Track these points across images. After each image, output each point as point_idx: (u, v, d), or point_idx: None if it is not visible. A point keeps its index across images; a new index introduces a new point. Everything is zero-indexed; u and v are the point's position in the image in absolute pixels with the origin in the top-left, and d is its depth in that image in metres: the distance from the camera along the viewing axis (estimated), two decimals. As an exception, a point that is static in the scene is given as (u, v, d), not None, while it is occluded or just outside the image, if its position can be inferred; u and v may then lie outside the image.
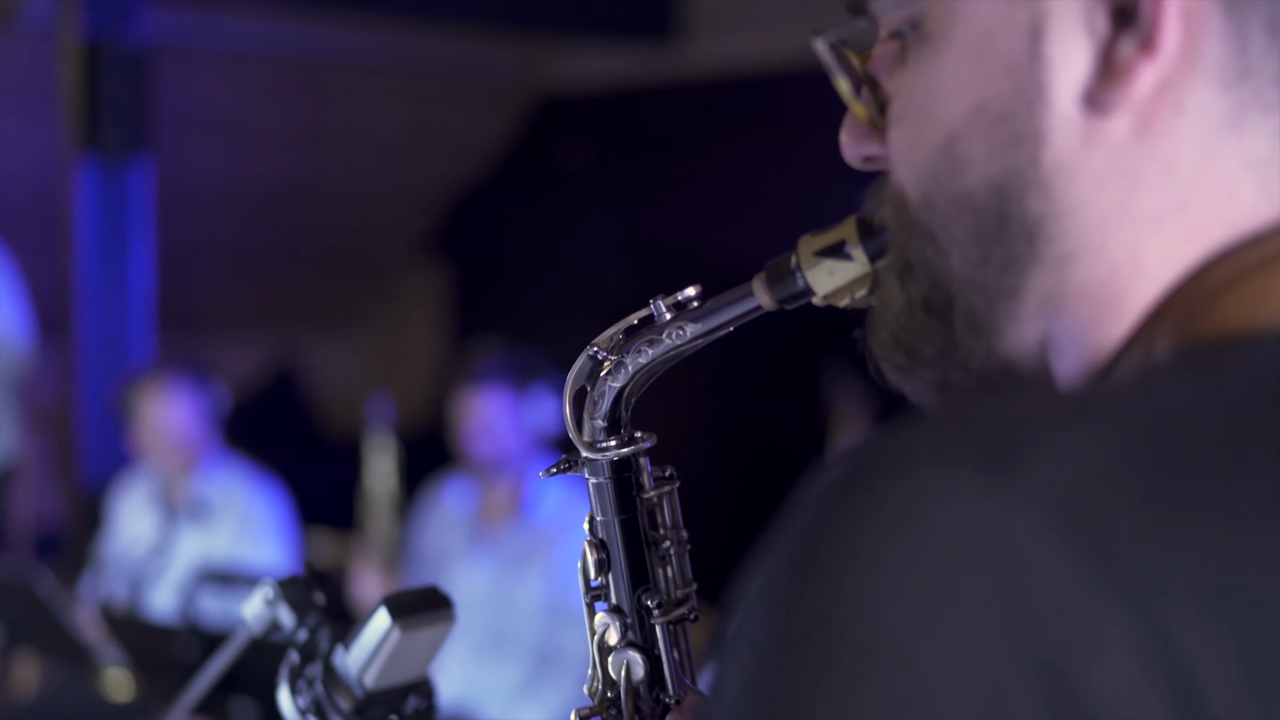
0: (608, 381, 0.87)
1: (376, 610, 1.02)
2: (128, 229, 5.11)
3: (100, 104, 4.98)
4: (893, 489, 0.49)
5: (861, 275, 0.77)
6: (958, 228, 0.64)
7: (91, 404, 5.06)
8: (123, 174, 5.08)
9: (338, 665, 1.04)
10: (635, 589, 0.89)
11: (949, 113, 0.63)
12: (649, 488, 0.90)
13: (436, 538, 3.67)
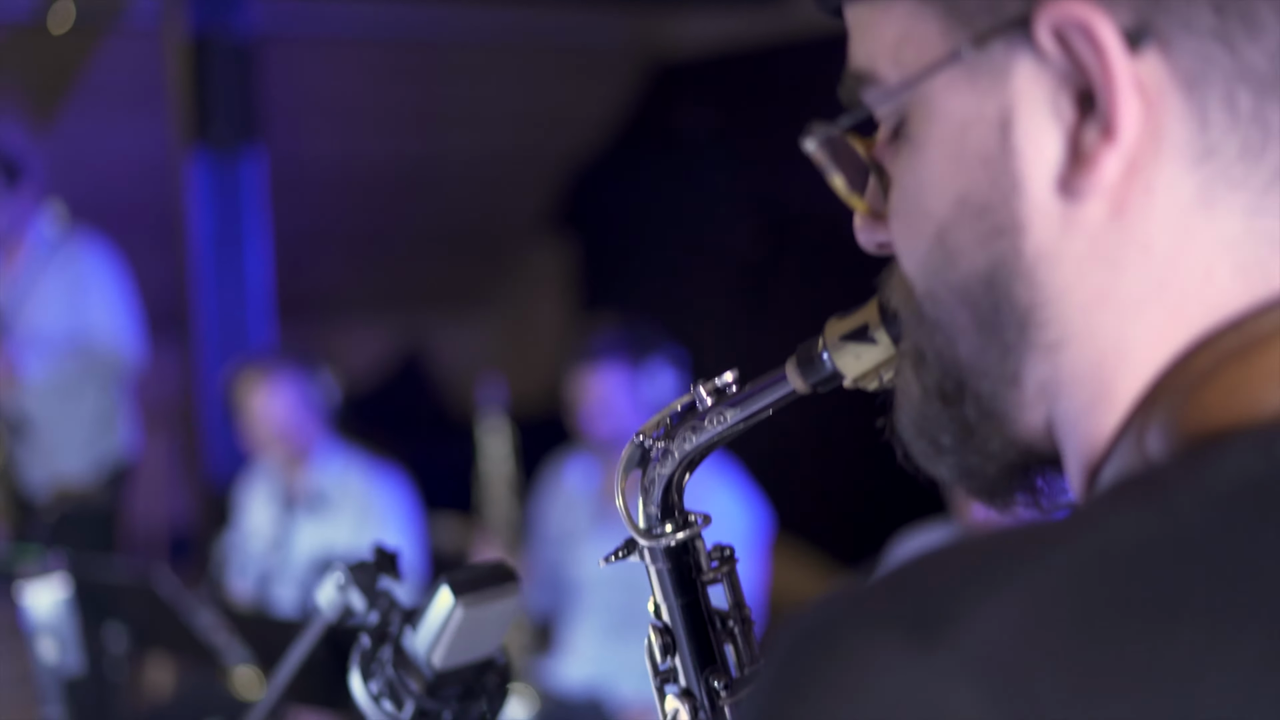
0: (657, 469, 0.91)
1: (439, 589, 1.02)
2: (242, 220, 5.23)
3: (209, 97, 5.09)
4: (829, 660, 0.53)
5: (887, 358, 0.80)
6: (959, 318, 0.67)
7: (214, 400, 5.19)
8: (235, 166, 5.19)
9: (407, 647, 1.05)
10: (702, 670, 0.91)
11: (936, 206, 0.66)
12: (707, 569, 0.92)
13: (560, 518, 3.70)
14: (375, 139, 7.10)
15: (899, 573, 0.56)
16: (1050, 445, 0.67)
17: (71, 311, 4.50)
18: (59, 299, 4.50)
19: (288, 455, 3.85)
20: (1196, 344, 0.61)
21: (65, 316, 4.50)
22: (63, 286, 4.51)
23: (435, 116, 7.13)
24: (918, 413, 0.72)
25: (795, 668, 0.54)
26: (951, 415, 0.70)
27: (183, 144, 5.19)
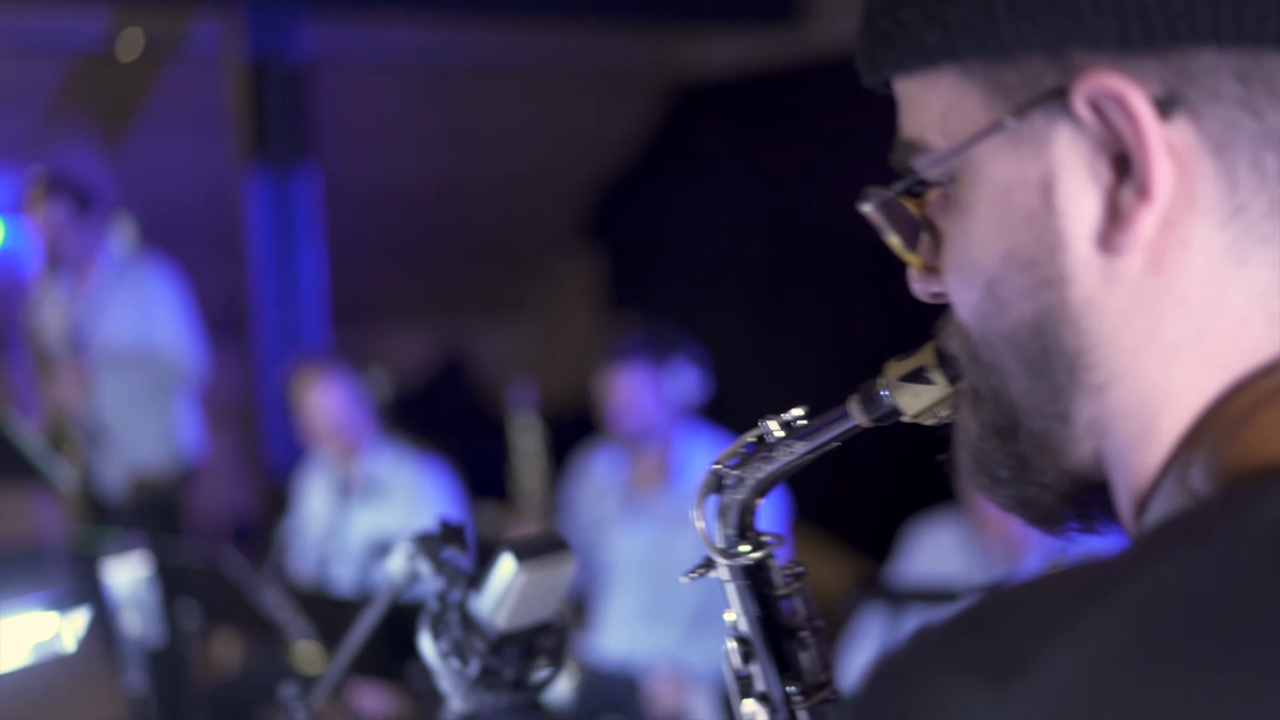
0: (733, 495, 0.93)
1: (501, 555, 1.04)
2: (297, 232, 5.26)
3: (266, 118, 5.13)
4: (910, 701, 0.54)
5: (944, 397, 0.81)
6: (1011, 361, 0.69)
7: (273, 398, 5.22)
8: (290, 182, 5.23)
9: (472, 610, 1.07)
10: (778, 676, 0.93)
11: (985, 259, 0.68)
12: (780, 585, 0.95)
13: (590, 506, 3.72)
14: (417, 157, 7.14)
15: (973, 613, 0.57)
16: (1101, 475, 0.69)
17: (139, 328, 4.55)
18: (128, 316, 4.55)
19: (342, 448, 3.87)
20: (1234, 387, 0.63)
21: (134, 332, 4.55)
22: (131, 305, 4.56)
23: (472, 136, 7.16)
24: (976, 448, 0.74)
25: (878, 708, 0.55)
26: (1008, 451, 0.71)
27: (242, 162, 5.23)
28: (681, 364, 3.54)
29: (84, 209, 4.49)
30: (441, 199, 7.45)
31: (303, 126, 5.20)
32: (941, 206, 0.72)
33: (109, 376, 4.46)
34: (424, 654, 1.09)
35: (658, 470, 3.56)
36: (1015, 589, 0.58)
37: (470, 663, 1.07)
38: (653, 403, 3.50)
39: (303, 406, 3.86)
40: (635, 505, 3.58)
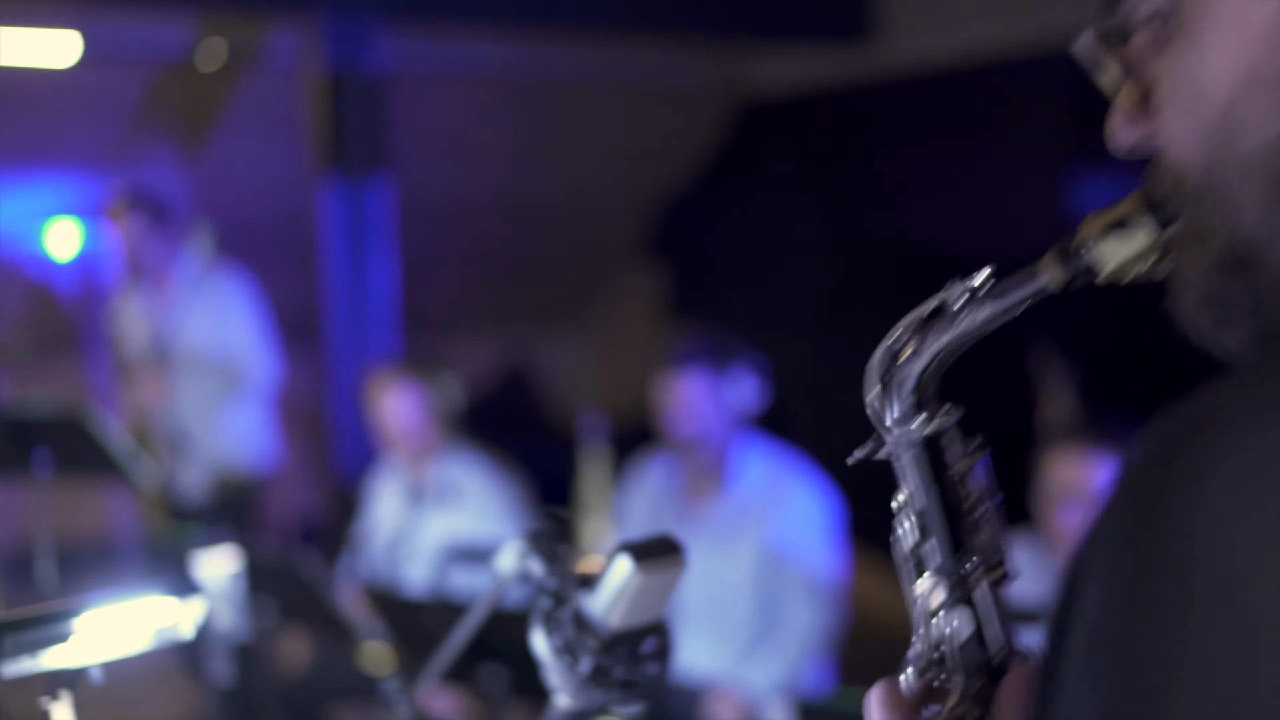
0: (911, 364, 0.89)
1: (617, 557, 1.07)
2: (370, 242, 5.33)
3: (342, 129, 5.20)
4: (1235, 443, 0.53)
5: (1148, 246, 0.78)
6: (1247, 188, 0.66)
7: (343, 403, 5.29)
8: (364, 193, 5.29)
9: (584, 609, 1.09)
10: (953, 554, 0.90)
11: (1219, 85, 0.66)
12: (958, 457, 0.91)
13: (646, 514, 3.71)
14: (486, 169, 7.20)
15: (1227, 381, 0.57)
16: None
17: (216, 335, 4.64)
18: (205, 324, 4.64)
19: (413, 453, 3.91)
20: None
21: (210, 340, 4.64)
22: (208, 313, 4.65)
23: (540, 150, 7.22)
24: (1203, 290, 0.71)
25: (1163, 445, 0.54)
26: (1240, 286, 0.68)
27: (318, 171, 5.30)
28: (741, 371, 3.51)
29: (161, 222, 4.60)
30: (510, 211, 7.51)
31: (378, 137, 5.27)
32: (1152, 45, 0.70)
33: (187, 382, 4.55)
34: (535, 649, 1.12)
35: (713, 479, 3.54)
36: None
37: (582, 660, 1.09)
38: (711, 409, 3.47)
39: (375, 412, 3.91)
40: (689, 514, 3.56)
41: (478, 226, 7.48)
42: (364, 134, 5.27)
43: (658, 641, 1.12)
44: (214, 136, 6.34)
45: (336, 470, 5.36)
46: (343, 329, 5.31)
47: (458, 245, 7.47)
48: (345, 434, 5.28)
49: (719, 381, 3.46)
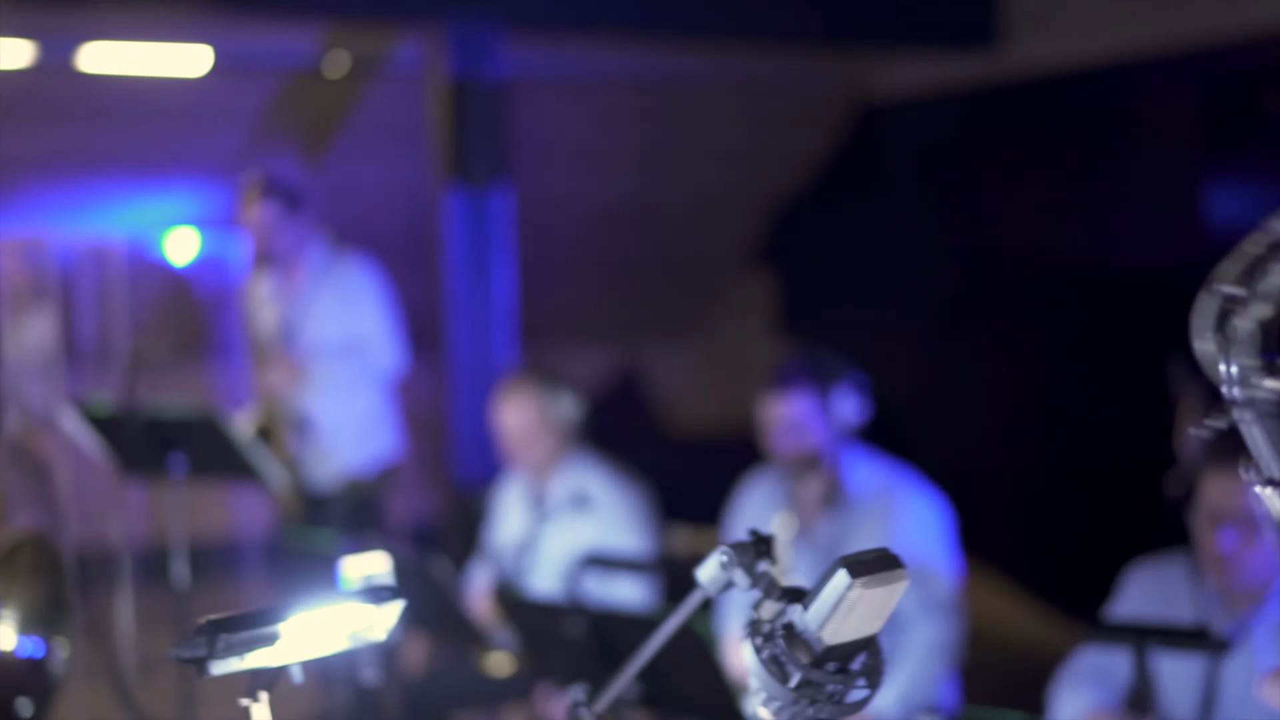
0: (1246, 315, 0.80)
1: (836, 570, 1.02)
2: (491, 250, 5.34)
3: (465, 138, 5.21)
4: None
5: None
6: None
7: (463, 411, 5.30)
8: (486, 200, 5.30)
9: (795, 622, 1.05)
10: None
11: None
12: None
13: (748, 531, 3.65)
14: (604, 176, 7.20)
15: None
16: None
17: (344, 322, 4.66)
18: (333, 311, 4.66)
19: (536, 463, 3.89)
20: None
21: (339, 326, 4.66)
22: (336, 299, 4.67)
23: (656, 156, 7.20)
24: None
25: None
26: None
27: (441, 180, 5.32)
28: (844, 387, 3.45)
29: (293, 208, 4.61)
30: (625, 219, 7.51)
31: (500, 146, 5.26)
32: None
33: (317, 368, 4.58)
34: (745, 662, 1.07)
35: (822, 495, 3.48)
36: None
37: (791, 675, 1.05)
38: (816, 427, 3.42)
39: (499, 422, 3.90)
40: (801, 532, 3.51)
41: (593, 234, 7.48)
42: (487, 142, 5.27)
43: (869, 659, 1.08)
44: (337, 145, 6.40)
45: (454, 477, 5.37)
46: (463, 336, 5.32)
47: (574, 253, 7.48)
48: (464, 440, 5.29)
49: (823, 399, 3.41)
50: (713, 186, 7.50)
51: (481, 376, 5.34)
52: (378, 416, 4.76)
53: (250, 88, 6.02)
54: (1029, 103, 6.36)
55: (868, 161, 7.32)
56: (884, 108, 7.24)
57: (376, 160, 6.52)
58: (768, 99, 7.04)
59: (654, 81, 6.67)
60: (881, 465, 3.49)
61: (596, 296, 7.90)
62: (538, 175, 6.30)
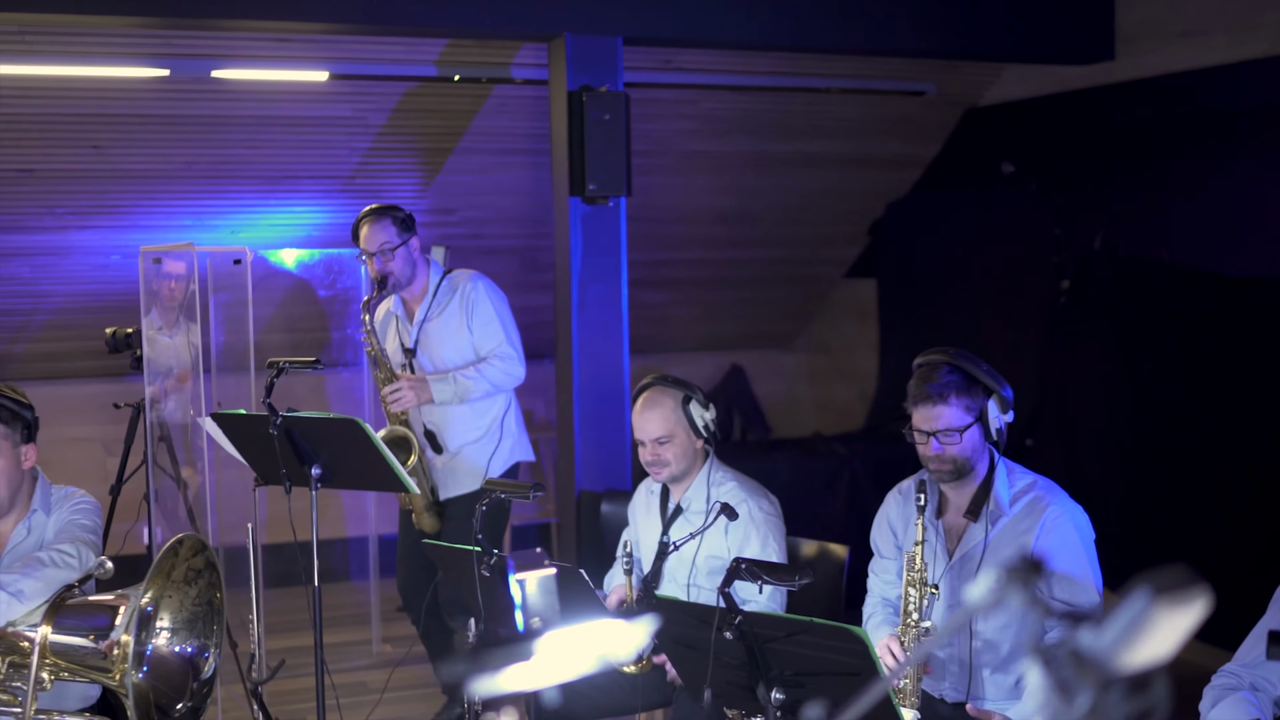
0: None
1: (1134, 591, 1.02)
2: (609, 259, 5.36)
3: (582, 150, 5.22)
4: None
5: None
6: None
7: (582, 418, 5.32)
8: (605, 209, 5.32)
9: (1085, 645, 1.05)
10: None
11: None
12: None
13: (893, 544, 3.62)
14: (712, 182, 7.20)
15: None
16: None
17: (467, 337, 4.71)
18: (456, 327, 4.71)
19: (673, 471, 3.89)
20: None
21: (462, 342, 4.71)
22: (458, 316, 4.71)
23: (761, 161, 7.19)
24: None
25: None
26: None
27: (559, 191, 5.34)
28: (997, 398, 3.42)
29: (406, 229, 4.67)
30: (732, 225, 7.51)
31: (618, 159, 5.26)
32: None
33: (442, 385, 4.63)
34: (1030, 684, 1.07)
35: (969, 506, 3.45)
36: None
37: (1077, 698, 1.05)
38: (970, 437, 3.39)
39: (638, 430, 3.91)
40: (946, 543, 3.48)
41: (701, 240, 7.49)
42: (607, 149, 5.26)
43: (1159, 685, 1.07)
44: (457, 156, 6.47)
45: (571, 488, 5.40)
46: (585, 345, 5.34)
47: (682, 259, 7.48)
48: (583, 447, 5.32)
49: (977, 409, 3.38)
50: (818, 190, 7.48)
51: (598, 385, 5.36)
52: (503, 426, 4.80)
53: (370, 101, 6.10)
54: (1140, 106, 6.28)
55: (975, 165, 7.26)
56: (993, 110, 7.18)
57: (495, 171, 6.57)
58: (875, 104, 7.00)
59: (761, 84, 6.65)
60: (1028, 476, 3.45)
61: (698, 304, 7.90)
62: (638, 181, 6.31)
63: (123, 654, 3.02)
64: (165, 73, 5.60)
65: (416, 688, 5.50)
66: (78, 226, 6.36)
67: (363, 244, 4.68)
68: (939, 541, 3.47)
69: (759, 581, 2.96)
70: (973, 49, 6.13)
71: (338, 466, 4.05)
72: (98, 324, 6.84)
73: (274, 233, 6.62)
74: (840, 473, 6.61)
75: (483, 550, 3.35)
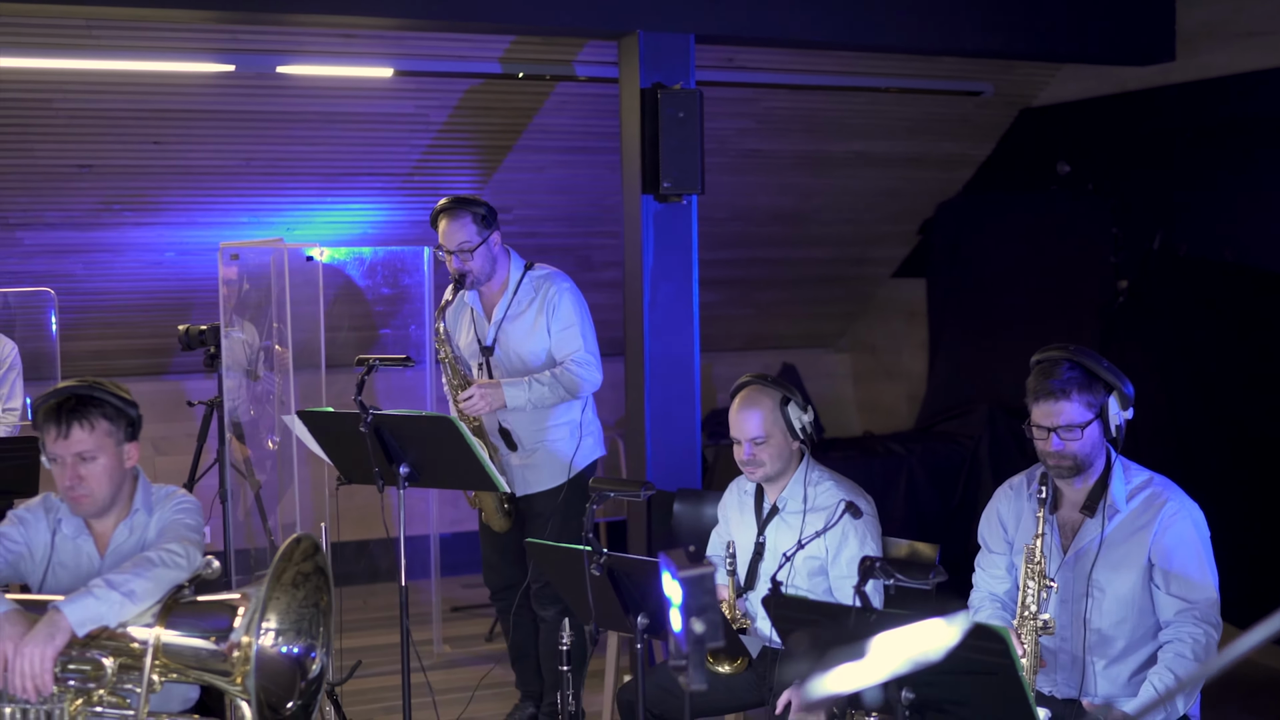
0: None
1: None
2: (681, 256, 5.27)
3: (652, 147, 5.13)
4: None
5: None
6: None
7: (653, 417, 5.24)
8: (678, 206, 5.24)
9: None
10: None
11: None
12: None
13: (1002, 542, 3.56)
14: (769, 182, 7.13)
15: None
16: None
17: (545, 340, 4.60)
18: (535, 329, 4.60)
19: (769, 471, 3.82)
20: None
21: (540, 341, 4.60)
22: (537, 317, 4.60)
23: (820, 161, 7.12)
24: None
25: None
26: None
27: (632, 186, 5.25)
28: (1117, 395, 3.36)
29: (487, 226, 4.56)
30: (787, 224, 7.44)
31: (693, 153, 5.17)
32: None
33: (516, 386, 4.52)
34: None
35: (1085, 502, 3.39)
36: None
37: None
38: (1091, 434, 3.33)
39: (736, 428, 3.83)
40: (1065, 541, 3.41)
41: (757, 239, 7.42)
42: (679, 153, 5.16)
43: None
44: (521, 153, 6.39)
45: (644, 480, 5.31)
46: (658, 344, 5.26)
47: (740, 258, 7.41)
48: (656, 447, 5.24)
49: (1098, 406, 3.32)
50: (870, 190, 7.41)
51: (669, 384, 5.28)
52: (583, 423, 4.70)
53: (434, 98, 6.02)
54: (1201, 107, 6.20)
55: (1028, 165, 7.18)
56: (1046, 109, 7.10)
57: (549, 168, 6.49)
58: (933, 104, 6.93)
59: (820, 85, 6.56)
60: (1144, 472, 3.40)
61: (749, 304, 7.83)
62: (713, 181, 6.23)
63: (244, 656, 2.94)
64: (230, 68, 5.51)
65: (484, 688, 5.42)
66: (134, 223, 6.28)
67: (441, 239, 4.58)
68: (1054, 536, 3.42)
69: (892, 580, 2.89)
70: (1034, 49, 6.05)
71: (426, 465, 3.97)
72: (148, 322, 6.79)
73: (329, 230, 6.54)
74: (898, 472, 6.54)
75: (593, 549, 3.29)
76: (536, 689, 4.95)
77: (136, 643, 3.03)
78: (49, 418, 3.20)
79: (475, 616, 6.57)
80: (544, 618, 4.72)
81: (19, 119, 5.62)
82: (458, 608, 6.67)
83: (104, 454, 3.22)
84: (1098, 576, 3.34)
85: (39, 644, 2.91)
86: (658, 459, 5.26)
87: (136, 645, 3.03)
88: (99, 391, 3.24)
